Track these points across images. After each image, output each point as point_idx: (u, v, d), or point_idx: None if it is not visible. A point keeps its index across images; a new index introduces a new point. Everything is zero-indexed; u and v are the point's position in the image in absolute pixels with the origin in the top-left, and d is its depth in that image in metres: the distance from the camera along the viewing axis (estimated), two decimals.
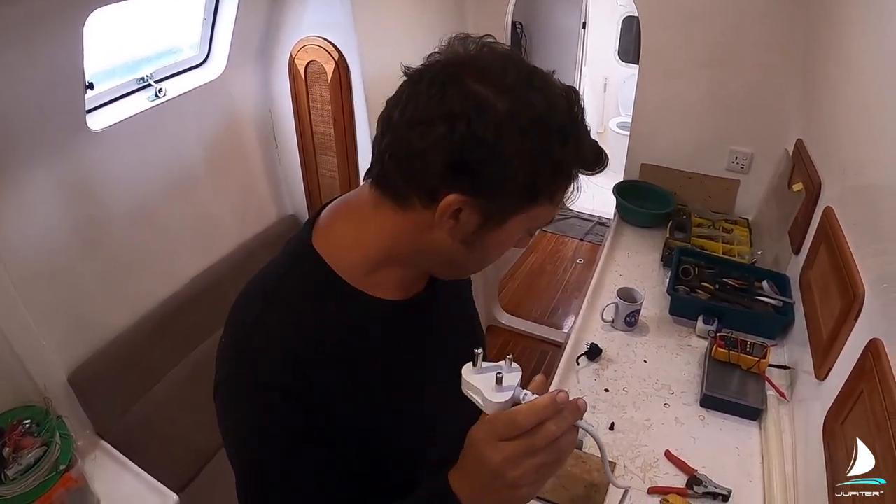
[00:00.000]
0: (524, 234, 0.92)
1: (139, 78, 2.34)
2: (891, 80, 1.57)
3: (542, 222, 0.90)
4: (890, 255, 1.46)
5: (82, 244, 2.18)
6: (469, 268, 0.97)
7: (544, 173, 0.82)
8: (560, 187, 0.86)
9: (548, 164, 0.82)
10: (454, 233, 0.86)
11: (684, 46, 2.69)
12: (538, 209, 0.86)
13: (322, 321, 0.93)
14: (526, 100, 0.80)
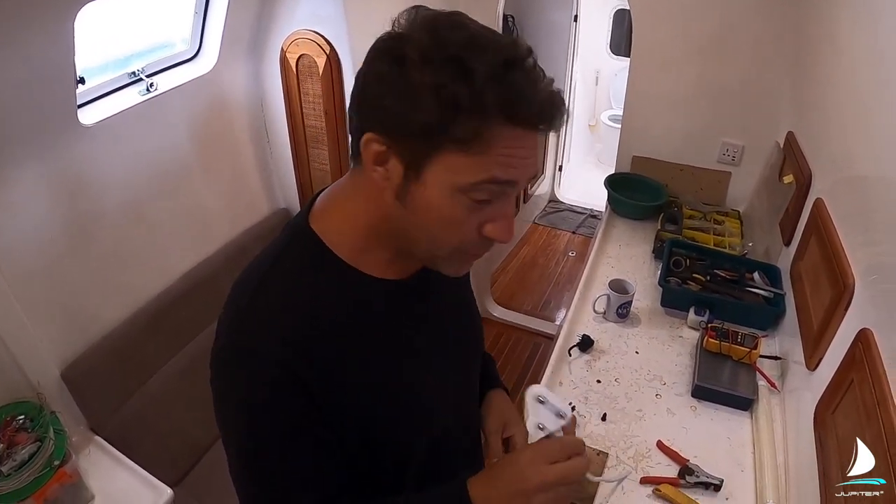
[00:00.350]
0: (458, 198, 0.83)
1: (130, 72, 2.34)
2: (880, 74, 1.58)
3: (465, 178, 0.81)
4: (879, 245, 1.47)
5: (74, 239, 2.19)
6: (419, 237, 0.89)
7: (442, 109, 0.77)
8: (468, 130, 0.78)
9: (446, 98, 0.76)
10: (387, 186, 0.85)
11: (675, 39, 2.69)
12: (452, 158, 0.80)
13: (319, 297, 0.93)
14: (438, 38, 0.78)
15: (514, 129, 0.80)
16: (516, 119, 0.79)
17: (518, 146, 0.81)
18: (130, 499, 1.98)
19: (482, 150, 0.79)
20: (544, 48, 5.13)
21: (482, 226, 0.87)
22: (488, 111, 0.77)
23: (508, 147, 0.80)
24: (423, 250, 0.92)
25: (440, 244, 0.89)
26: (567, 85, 5.34)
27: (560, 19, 5.02)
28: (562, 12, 5.00)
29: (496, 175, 0.81)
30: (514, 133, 0.80)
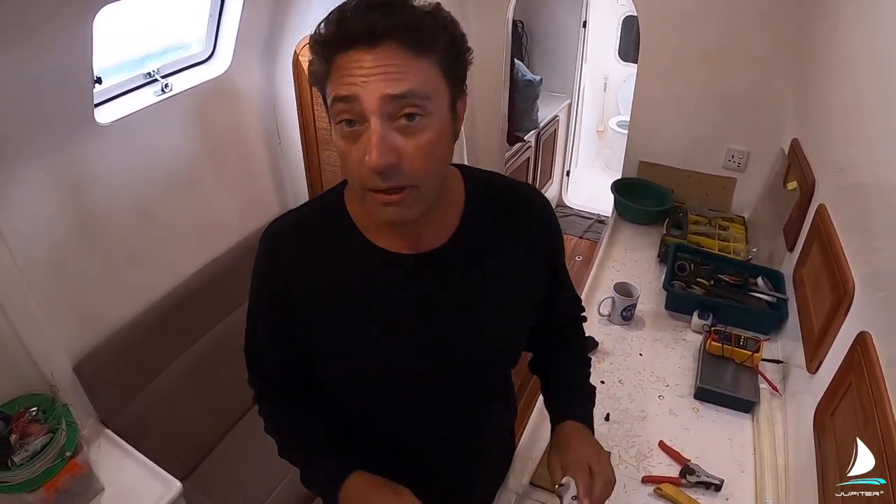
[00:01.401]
0: (334, 128, 0.94)
1: (146, 73, 2.37)
2: (881, 83, 1.60)
3: (331, 95, 0.91)
4: (879, 251, 1.49)
5: (87, 236, 2.21)
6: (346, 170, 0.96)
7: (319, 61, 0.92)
8: (325, 70, 0.91)
9: (316, 52, 0.92)
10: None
11: (682, 46, 2.72)
12: (326, 89, 0.92)
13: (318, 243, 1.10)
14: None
15: (346, 52, 0.88)
16: (344, 44, 0.88)
17: (353, 65, 0.87)
18: (140, 491, 2.00)
19: (331, 77, 0.90)
20: (553, 54, 5.16)
21: (361, 157, 0.90)
22: (330, 47, 0.89)
23: (344, 68, 0.88)
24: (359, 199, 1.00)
25: (351, 182, 0.98)
26: (575, 90, 5.36)
27: (569, 25, 5.05)
28: (571, 18, 5.02)
29: (337, 92, 0.89)
30: (347, 56, 0.88)
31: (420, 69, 0.89)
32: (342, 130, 0.91)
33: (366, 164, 0.88)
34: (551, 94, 5.15)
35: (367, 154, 0.87)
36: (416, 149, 0.90)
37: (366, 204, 0.96)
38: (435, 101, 0.91)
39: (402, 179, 0.91)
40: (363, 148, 0.89)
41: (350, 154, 0.91)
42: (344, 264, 1.08)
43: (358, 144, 0.90)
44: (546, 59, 5.20)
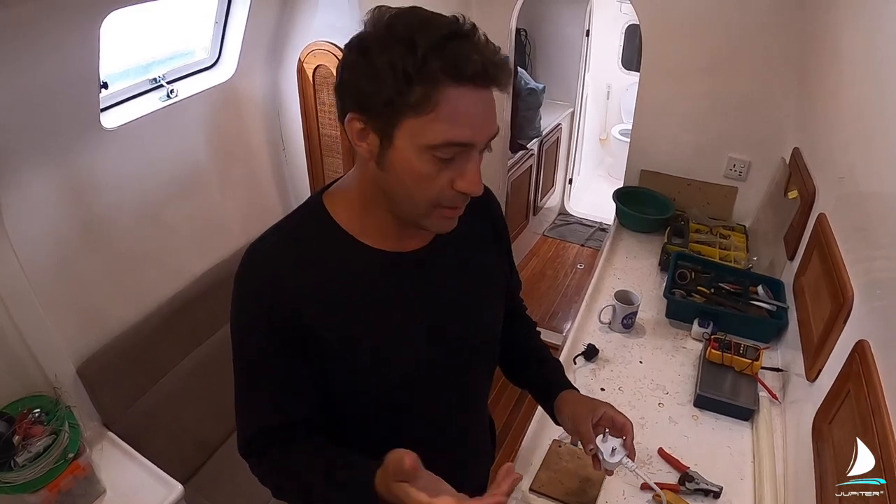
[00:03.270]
0: (425, 157, 0.95)
1: (152, 78, 2.39)
2: (881, 93, 1.62)
3: (427, 140, 0.93)
4: (877, 261, 1.50)
5: (92, 239, 2.23)
6: (400, 197, 1.01)
7: (397, 81, 0.89)
8: (421, 96, 0.90)
9: (398, 71, 0.89)
10: (370, 156, 0.99)
11: (684, 56, 2.73)
12: (414, 122, 0.92)
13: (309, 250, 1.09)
14: (391, 26, 0.91)
15: (460, 88, 0.91)
16: (460, 78, 0.90)
17: (466, 104, 0.92)
18: (141, 493, 2.01)
19: (434, 111, 0.91)
20: (556, 62, 5.18)
21: (452, 181, 0.98)
22: (435, 76, 0.89)
23: (457, 106, 0.91)
24: (404, 209, 1.04)
25: (417, 200, 1.00)
26: (578, 98, 5.38)
27: (572, 34, 5.07)
28: (574, 27, 5.04)
29: (452, 136, 0.93)
30: (460, 92, 0.91)
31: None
32: (437, 163, 0.95)
33: (463, 190, 0.98)
34: (554, 102, 5.16)
35: (465, 182, 0.98)
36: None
37: (420, 221, 1.04)
38: None
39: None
40: (451, 174, 0.97)
41: (436, 177, 0.97)
42: (347, 271, 1.09)
43: (446, 171, 0.97)
44: (549, 68, 5.22)
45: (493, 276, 1.33)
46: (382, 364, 1.14)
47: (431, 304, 1.18)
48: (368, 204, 1.08)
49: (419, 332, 1.17)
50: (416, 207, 1.02)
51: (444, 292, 1.20)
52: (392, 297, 1.14)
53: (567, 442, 1.80)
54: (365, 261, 1.10)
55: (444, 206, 1.02)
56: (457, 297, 1.22)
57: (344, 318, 1.09)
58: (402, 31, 0.90)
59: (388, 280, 1.13)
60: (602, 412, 1.33)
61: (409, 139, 0.94)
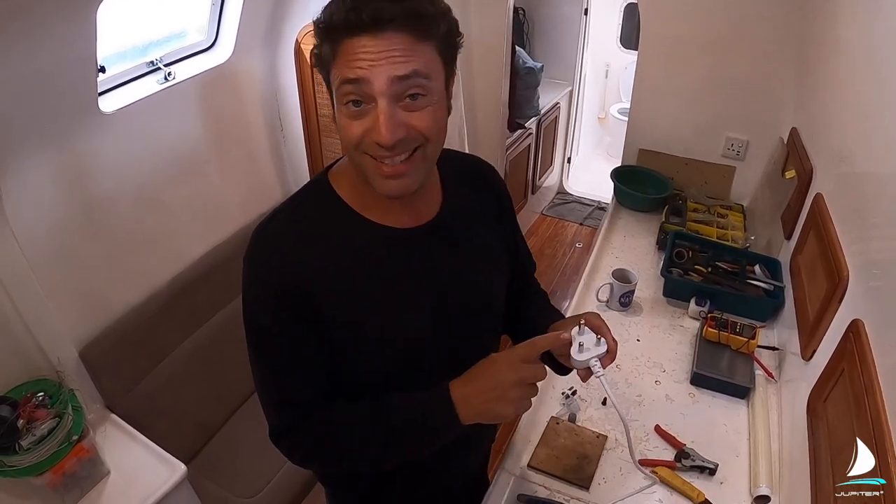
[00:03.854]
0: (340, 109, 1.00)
1: (149, 61, 2.39)
2: (878, 73, 1.62)
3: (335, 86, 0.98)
4: (872, 241, 1.51)
5: (92, 223, 2.24)
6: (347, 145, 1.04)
7: (319, 41, 0.99)
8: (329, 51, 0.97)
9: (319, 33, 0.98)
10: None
11: (683, 34, 2.72)
12: (332, 76, 0.99)
13: (317, 228, 1.11)
14: None
15: (353, 38, 0.94)
16: (351, 30, 0.94)
17: (361, 49, 0.94)
18: (145, 474, 2.03)
19: (338, 61, 0.96)
20: (554, 41, 5.16)
21: (366, 132, 0.99)
22: (337, 32, 0.95)
23: (352, 52, 0.95)
24: (355, 170, 1.07)
25: (347, 150, 1.04)
26: (577, 77, 5.36)
27: (570, 13, 5.04)
28: (572, 6, 5.01)
29: (345, 75, 0.96)
30: (355, 41, 0.94)
31: (422, 53, 0.97)
32: (348, 111, 0.98)
33: (374, 139, 0.97)
34: (552, 81, 5.14)
35: (376, 131, 0.97)
36: (420, 119, 1.00)
37: (370, 180, 1.05)
38: (434, 80, 1.00)
39: (410, 144, 1.01)
40: (368, 124, 0.98)
41: (352, 129, 0.99)
42: (353, 248, 1.12)
43: (362, 121, 0.98)
44: (547, 46, 5.19)
45: (495, 251, 1.35)
46: (388, 342, 1.17)
47: (434, 280, 1.20)
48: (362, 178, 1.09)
49: (423, 307, 1.19)
50: (351, 159, 1.06)
51: (446, 267, 1.22)
52: (396, 273, 1.16)
53: (565, 419, 1.82)
54: (370, 237, 1.13)
55: (369, 155, 1.01)
56: (459, 272, 1.24)
57: (350, 296, 1.11)
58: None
59: (393, 256, 1.15)
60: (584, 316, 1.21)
61: (334, 93, 1.00)
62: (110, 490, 2.00)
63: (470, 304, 1.27)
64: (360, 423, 1.17)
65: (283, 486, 2.43)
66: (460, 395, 1.11)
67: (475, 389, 1.11)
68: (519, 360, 1.10)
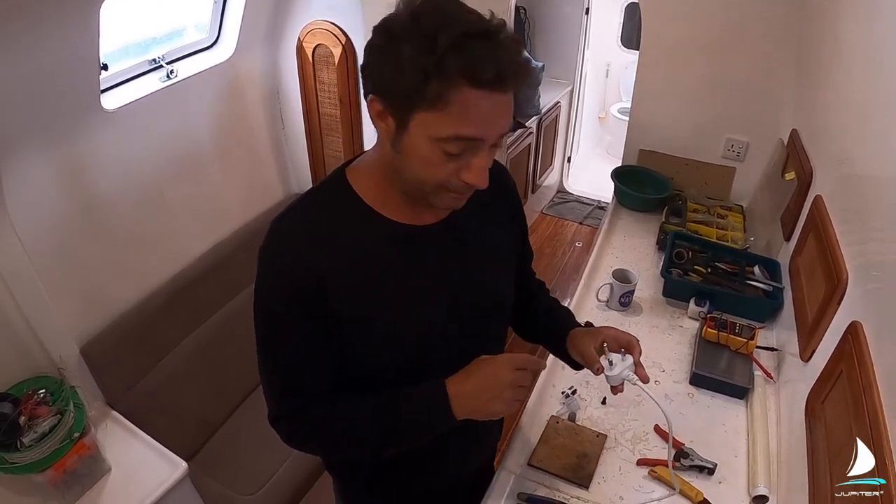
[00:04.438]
0: (433, 147, 0.99)
1: (151, 59, 2.39)
2: (877, 76, 1.62)
3: (437, 132, 0.97)
4: (873, 243, 1.52)
5: (94, 221, 2.24)
6: (408, 177, 1.05)
7: (416, 75, 0.92)
8: (436, 93, 0.93)
9: (418, 67, 0.92)
10: (387, 136, 1.03)
11: (684, 35, 2.73)
12: (427, 115, 0.96)
13: (335, 224, 1.12)
14: (416, 17, 0.93)
15: (474, 90, 0.93)
16: (475, 82, 0.92)
17: (476, 104, 0.94)
18: (146, 471, 2.04)
19: (446, 108, 0.94)
20: (556, 40, 5.16)
21: (459, 171, 1.02)
22: (451, 76, 0.91)
23: (467, 106, 0.94)
24: (413, 187, 1.07)
25: (425, 182, 1.04)
26: (577, 77, 5.36)
27: (571, 12, 5.04)
28: (573, 5, 5.01)
29: (460, 132, 0.96)
30: (475, 94, 0.93)
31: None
32: (445, 156, 1.00)
33: (468, 181, 1.03)
34: (553, 80, 5.14)
35: (471, 175, 1.02)
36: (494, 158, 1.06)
37: (432, 201, 1.08)
38: None
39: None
40: (458, 165, 1.01)
41: (444, 166, 1.01)
42: (368, 244, 1.13)
43: (454, 161, 1.01)
44: (548, 46, 5.19)
45: (506, 251, 1.38)
46: (398, 338, 1.19)
47: (447, 277, 1.22)
48: (388, 178, 1.11)
49: (435, 304, 1.22)
50: (425, 187, 1.06)
51: (458, 266, 1.24)
52: (409, 270, 1.18)
53: (565, 418, 1.83)
54: (385, 234, 1.14)
55: (450, 191, 1.06)
56: (471, 271, 1.26)
57: (362, 292, 1.12)
58: (427, 24, 0.92)
59: (407, 253, 1.17)
60: (604, 335, 1.36)
61: (422, 129, 0.97)
62: (111, 487, 2.01)
63: (481, 302, 1.29)
64: (358, 415, 1.21)
65: (285, 483, 2.44)
66: (456, 391, 1.16)
67: (472, 387, 1.16)
68: (517, 364, 1.17)
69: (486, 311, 1.33)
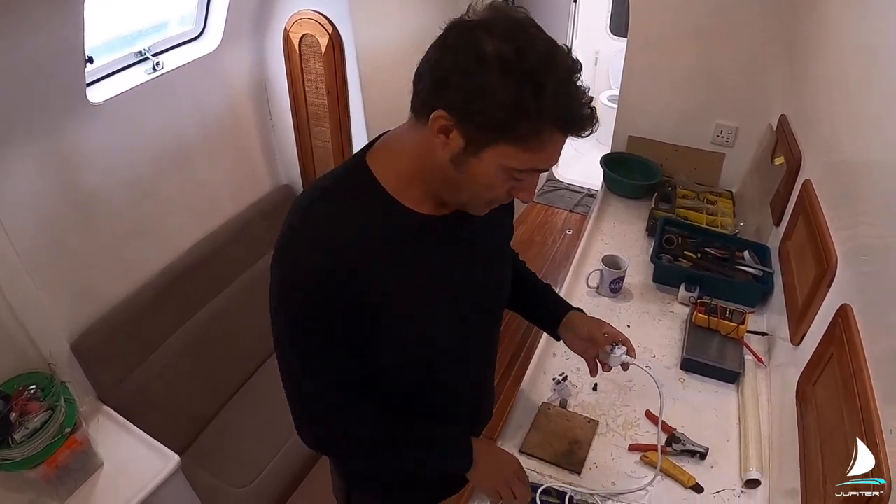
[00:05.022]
0: (502, 173, 1.02)
1: (137, 52, 2.38)
2: (865, 62, 1.63)
3: (514, 164, 1.00)
4: (862, 226, 1.52)
5: (82, 215, 2.23)
6: (461, 189, 1.08)
7: (513, 113, 0.93)
8: (528, 132, 0.95)
9: (517, 106, 0.92)
10: (445, 150, 1.01)
11: (672, 21, 2.72)
12: (509, 149, 0.98)
13: (362, 219, 1.09)
14: (519, 51, 0.92)
15: (561, 134, 0.98)
16: (566, 129, 0.98)
17: (559, 146, 1.01)
18: (138, 465, 2.03)
19: (534, 148, 0.98)
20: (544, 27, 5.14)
21: (512, 190, 1.08)
22: (547, 120, 0.95)
23: (553, 147, 1.00)
24: (458, 198, 1.11)
25: (476, 198, 1.10)
26: None
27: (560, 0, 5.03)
28: None
29: (538, 166, 1.03)
30: (560, 137, 0.99)
31: None
32: (508, 178, 1.04)
33: (522, 199, 1.13)
34: None
35: (525, 194, 1.10)
36: None
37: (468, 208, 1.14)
38: None
39: None
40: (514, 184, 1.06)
41: (501, 188, 1.07)
42: (400, 235, 1.13)
43: (510, 182, 1.06)
44: None
45: (509, 232, 1.45)
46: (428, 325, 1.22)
47: (469, 263, 1.26)
48: (420, 174, 1.10)
49: (461, 290, 1.25)
50: (473, 201, 1.12)
51: (478, 251, 1.28)
52: (435, 259, 1.19)
53: (556, 404, 1.83)
54: (411, 224, 1.14)
55: (493, 203, 1.13)
56: (489, 256, 1.33)
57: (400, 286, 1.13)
58: (531, 62, 0.92)
59: (434, 241, 1.18)
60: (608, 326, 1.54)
61: (498, 158, 0.99)
62: (104, 482, 2.01)
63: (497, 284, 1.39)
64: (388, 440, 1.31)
65: (277, 475, 2.44)
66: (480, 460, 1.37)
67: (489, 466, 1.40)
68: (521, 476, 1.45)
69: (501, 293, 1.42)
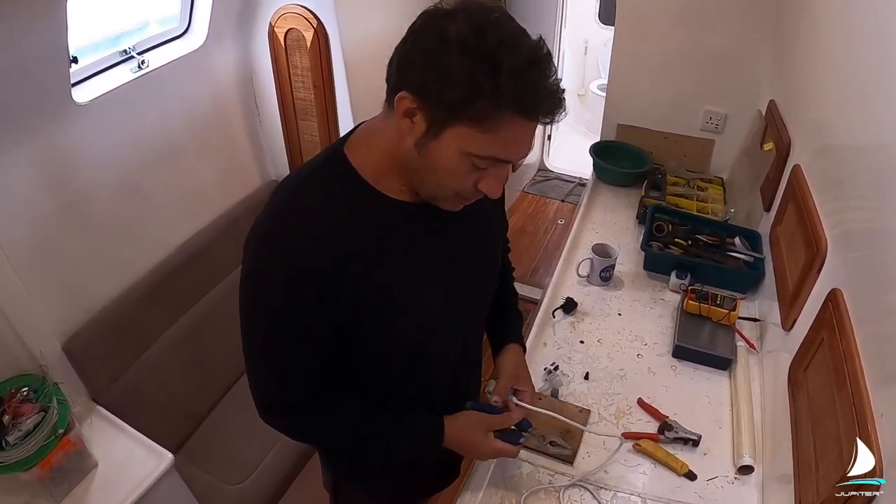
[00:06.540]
0: (464, 159, 1.00)
1: (122, 50, 2.36)
2: (852, 46, 1.63)
3: (473, 149, 0.98)
4: (851, 211, 1.53)
5: (71, 215, 2.22)
6: (426, 178, 1.06)
7: (467, 91, 0.92)
8: (483, 112, 0.93)
9: (472, 84, 0.91)
10: (411, 136, 1.01)
11: (659, 8, 2.71)
12: (466, 130, 0.96)
13: (342, 207, 1.09)
14: (479, 32, 0.92)
15: (521, 119, 0.96)
16: (524, 112, 0.95)
17: (520, 133, 0.99)
18: (133, 464, 2.02)
19: (491, 130, 0.96)
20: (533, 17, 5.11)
21: (478, 181, 1.06)
22: (504, 102, 0.93)
23: (513, 132, 0.97)
24: (426, 189, 1.10)
25: (442, 189, 1.08)
26: (556, 54, 5.33)
27: None
28: None
29: (497, 154, 1.00)
30: (520, 122, 0.96)
31: None
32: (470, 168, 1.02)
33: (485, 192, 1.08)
34: None
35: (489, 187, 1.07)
36: None
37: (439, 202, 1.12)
38: None
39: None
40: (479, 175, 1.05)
41: (466, 176, 1.04)
42: (373, 222, 1.12)
43: (476, 173, 1.04)
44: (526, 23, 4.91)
45: (497, 220, 1.44)
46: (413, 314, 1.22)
47: (453, 250, 1.26)
48: (395, 165, 1.09)
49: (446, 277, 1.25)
50: (438, 192, 1.09)
51: (461, 238, 1.27)
52: (412, 244, 1.18)
53: (548, 394, 1.83)
54: (388, 211, 1.13)
55: (462, 198, 1.10)
56: (473, 242, 1.31)
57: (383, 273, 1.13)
58: (490, 43, 0.91)
59: (409, 228, 1.17)
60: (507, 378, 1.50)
61: (457, 142, 0.98)
62: (99, 482, 2.00)
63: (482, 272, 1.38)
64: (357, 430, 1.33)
65: (271, 472, 2.44)
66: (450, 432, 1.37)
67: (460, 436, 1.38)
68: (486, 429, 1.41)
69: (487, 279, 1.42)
